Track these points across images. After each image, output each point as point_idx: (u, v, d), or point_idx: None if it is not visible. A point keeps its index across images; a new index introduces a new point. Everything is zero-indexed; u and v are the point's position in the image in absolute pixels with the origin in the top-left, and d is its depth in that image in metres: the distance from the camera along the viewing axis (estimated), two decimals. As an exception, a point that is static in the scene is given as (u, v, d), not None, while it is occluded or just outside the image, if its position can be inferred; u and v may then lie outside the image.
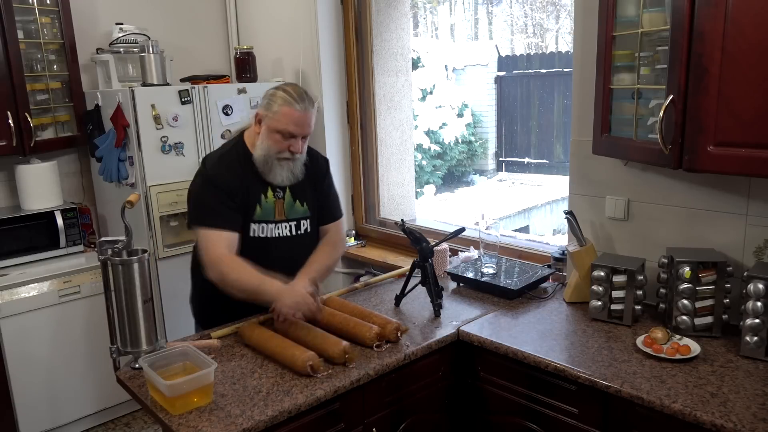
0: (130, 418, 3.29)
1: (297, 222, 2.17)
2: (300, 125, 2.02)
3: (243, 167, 2.09)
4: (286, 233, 2.15)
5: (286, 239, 2.15)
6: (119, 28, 3.34)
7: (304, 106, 2.02)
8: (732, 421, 1.45)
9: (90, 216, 3.45)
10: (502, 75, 8.33)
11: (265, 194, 2.11)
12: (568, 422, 1.81)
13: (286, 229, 2.15)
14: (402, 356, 1.86)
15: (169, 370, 1.68)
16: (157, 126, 3.02)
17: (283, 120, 2.01)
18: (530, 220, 7.19)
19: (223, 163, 2.10)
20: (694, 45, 1.61)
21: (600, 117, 2.01)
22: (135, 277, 1.75)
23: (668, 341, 1.82)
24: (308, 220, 2.20)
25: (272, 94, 2.05)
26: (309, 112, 2.04)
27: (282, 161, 2.06)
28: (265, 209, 2.11)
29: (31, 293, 2.89)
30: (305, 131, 2.05)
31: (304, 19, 3.39)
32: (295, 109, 2.00)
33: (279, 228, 2.14)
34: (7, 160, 3.17)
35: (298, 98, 2.02)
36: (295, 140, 2.04)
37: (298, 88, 2.07)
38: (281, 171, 2.08)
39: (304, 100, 2.03)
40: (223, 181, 2.05)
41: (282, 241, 2.14)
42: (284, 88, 2.06)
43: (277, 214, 2.13)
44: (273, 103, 2.03)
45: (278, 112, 2.01)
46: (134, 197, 1.91)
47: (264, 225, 2.11)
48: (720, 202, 1.99)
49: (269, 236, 2.12)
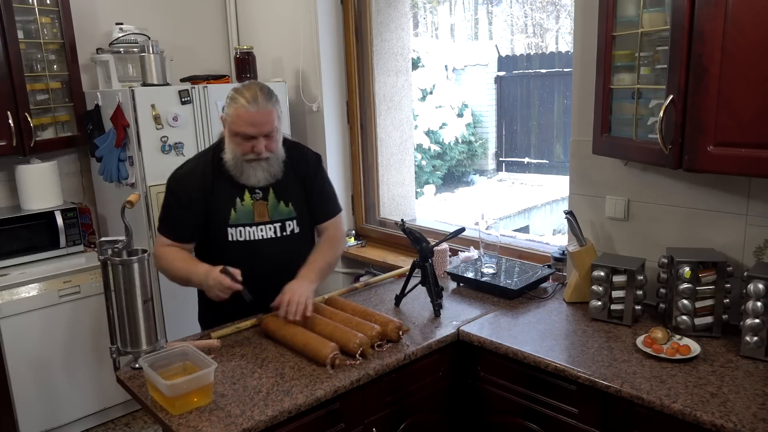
0: (130, 418, 3.29)
1: (282, 223, 2.12)
2: (255, 125, 1.96)
3: (214, 173, 2.06)
4: (271, 235, 2.10)
5: (271, 241, 2.11)
6: (119, 28, 3.34)
7: (257, 105, 1.94)
8: (732, 421, 1.45)
9: (90, 216, 3.45)
10: (502, 75, 8.33)
11: (241, 197, 2.07)
12: (568, 422, 1.81)
13: (270, 231, 2.10)
14: (402, 356, 1.86)
15: (169, 370, 1.68)
16: (157, 126, 3.02)
17: (237, 122, 1.96)
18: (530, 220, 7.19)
19: (187, 172, 2.10)
20: (694, 45, 1.61)
21: (600, 117, 2.01)
22: (135, 277, 1.75)
23: (668, 341, 1.82)
24: (294, 221, 2.14)
25: (228, 96, 2.01)
26: (264, 111, 1.96)
27: (251, 162, 2.02)
28: (240, 212, 2.07)
29: (31, 293, 2.89)
30: (262, 130, 1.97)
31: (304, 19, 3.39)
32: (247, 110, 1.94)
33: (262, 230, 2.09)
34: (7, 160, 3.17)
35: (251, 98, 1.95)
36: (257, 140, 1.98)
37: (252, 87, 2.00)
38: (254, 172, 2.03)
39: (257, 99, 1.95)
40: (184, 186, 2.07)
41: (266, 244, 2.10)
42: (238, 88, 2.01)
43: (257, 216, 2.08)
44: (229, 106, 1.99)
45: (232, 114, 1.97)
46: (134, 197, 1.91)
47: (242, 228, 2.07)
48: (720, 202, 1.99)
49: (251, 239, 2.08)
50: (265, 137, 1.99)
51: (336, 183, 3.47)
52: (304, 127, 3.55)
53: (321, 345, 1.80)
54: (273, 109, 2.00)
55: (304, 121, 3.54)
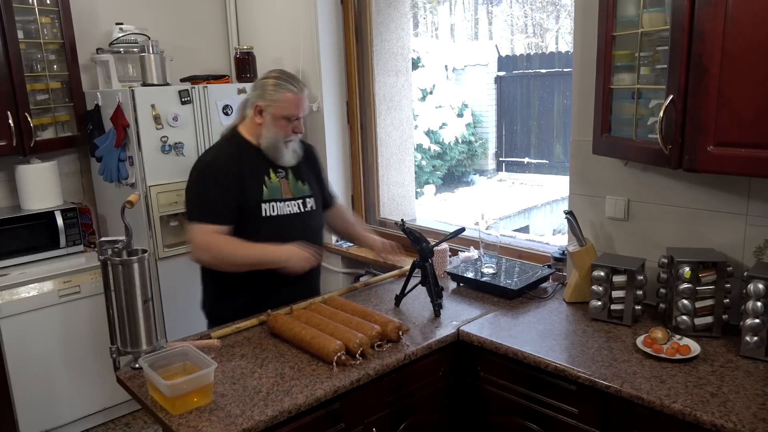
0: (130, 418, 3.29)
1: (303, 200, 2.26)
2: (302, 107, 2.18)
3: (241, 154, 2.18)
4: (296, 210, 2.24)
5: (296, 216, 2.24)
6: (119, 28, 3.34)
7: (301, 89, 2.17)
8: (732, 421, 1.45)
9: (90, 216, 3.45)
10: (502, 75, 8.33)
11: (268, 175, 2.20)
12: (568, 422, 1.81)
13: (295, 206, 2.24)
14: (402, 356, 1.86)
15: (169, 370, 1.68)
16: (157, 126, 3.02)
17: (287, 106, 2.14)
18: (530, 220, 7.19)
19: (220, 153, 2.20)
20: (694, 45, 1.61)
21: (600, 117, 2.01)
22: (135, 277, 1.75)
23: (668, 341, 1.82)
24: (312, 198, 2.29)
25: (264, 84, 2.17)
26: (304, 94, 2.19)
27: (287, 143, 2.20)
28: (271, 189, 2.19)
29: (31, 293, 2.89)
30: (305, 112, 2.21)
31: (304, 19, 3.39)
32: (295, 94, 2.15)
33: (289, 206, 2.22)
34: (7, 160, 3.17)
35: (294, 82, 2.16)
36: (298, 122, 2.19)
37: (288, 74, 2.20)
38: (287, 152, 2.21)
39: (299, 84, 2.18)
40: (218, 167, 2.14)
41: (293, 219, 2.22)
42: (274, 75, 2.18)
43: (283, 193, 2.22)
44: (271, 92, 2.14)
45: (280, 99, 2.13)
46: (134, 197, 1.91)
47: (274, 204, 2.18)
48: (720, 202, 1.99)
49: (282, 214, 2.20)
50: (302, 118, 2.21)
51: (336, 183, 3.49)
52: (304, 127, 3.54)
53: (327, 341, 1.80)
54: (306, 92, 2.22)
55: (304, 121, 3.53)
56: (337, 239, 3.55)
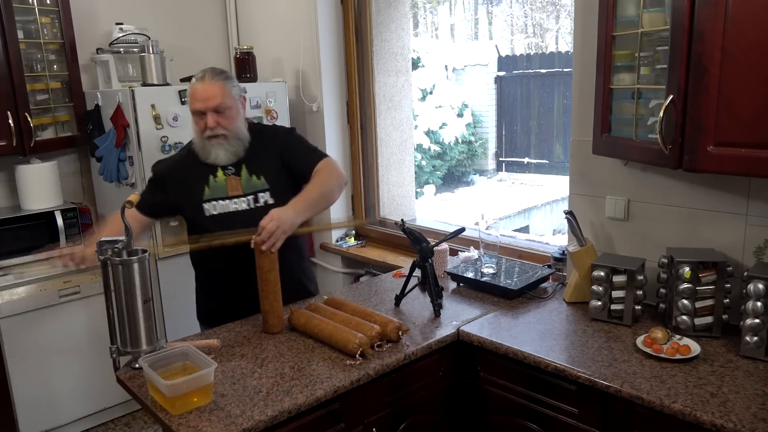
0: (130, 418, 3.29)
1: (255, 195, 2.18)
2: (202, 99, 2.06)
3: (189, 158, 2.20)
4: (244, 207, 2.17)
5: (246, 213, 2.16)
6: (119, 28, 3.34)
7: (203, 81, 2.07)
8: (732, 421, 1.45)
9: (90, 216, 3.45)
10: (502, 75, 8.32)
11: (214, 175, 2.16)
12: (568, 422, 1.81)
13: (244, 203, 2.17)
14: (402, 356, 1.86)
15: (169, 370, 1.68)
16: (157, 126, 3.02)
17: (190, 100, 2.11)
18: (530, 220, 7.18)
19: (168, 158, 2.32)
20: (694, 45, 1.61)
21: (600, 117, 2.01)
22: (135, 277, 1.75)
23: (668, 341, 1.82)
24: (267, 192, 2.19)
25: None
26: (208, 84, 2.06)
27: (211, 140, 2.11)
28: (214, 188, 2.16)
29: (31, 293, 2.89)
30: (209, 104, 2.05)
31: (304, 19, 3.39)
32: (194, 86, 2.08)
33: (235, 203, 2.16)
34: (7, 160, 3.17)
35: (199, 76, 2.09)
36: (207, 116, 2.07)
37: (205, 69, 2.12)
38: (215, 150, 2.12)
39: (204, 76, 2.08)
40: (155, 174, 2.24)
41: (242, 216, 2.14)
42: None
43: (230, 190, 2.16)
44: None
45: (189, 94, 2.13)
46: (134, 197, 1.90)
47: (215, 202, 2.15)
48: (720, 202, 1.99)
49: (226, 212, 2.15)
50: (216, 113, 2.07)
51: (336, 183, 3.49)
52: (304, 127, 3.55)
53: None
54: (221, 84, 2.08)
55: (304, 121, 3.54)
56: (337, 239, 3.55)
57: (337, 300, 2.17)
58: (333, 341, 1.88)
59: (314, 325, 1.96)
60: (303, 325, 2.00)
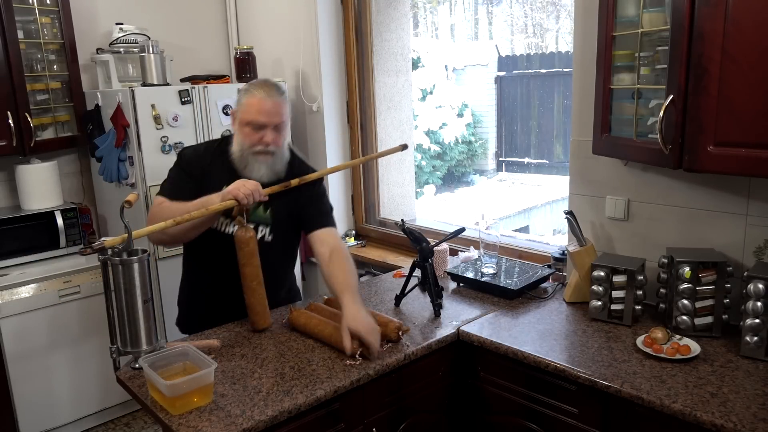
0: (130, 418, 3.29)
1: (255, 226, 2.06)
2: (266, 113, 1.97)
3: (213, 157, 2.09)
4: None
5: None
6: (119, 28, 3.34)
7: (269, 95, 1.98)
8: (732, 421, 1.45)
9: (90, 216, 3.45)
10: (502, 75, 8.32)
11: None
12: (568, 422, 1.81)
13: None
14: (402, 356, 1.86)
15: (169, 370, 1.68)
16: (157, 126, 3.02)
17: (249, 110, 1.98)
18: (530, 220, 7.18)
19: (194, 148, 2.18)
20: (694, 45, 1.61)
21: (600, 117, 2.01)
22: (135, 277, 1.75)
23: (668, 341, 1.82)
24: (268, 227, 2.10)
25: (240, 90, 2.06)
26: (273, 100, 1.98)
27: (258, 155, 2.01)
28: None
29: (31, 293, 2.89)
30: (273, 120, 1.99)
31: (304, 19, 3.39)
32: (259, 98, 1.97)
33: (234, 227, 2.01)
34: (7, 160, 3.17)
35: (264, 89, 1.99)
36: (266, 131, 1.98)
37: (265, 81, 2.05)
38: (258, 166, 2.02)
39: (269, 90, 1.99)
40: (183, 160, 2.09)
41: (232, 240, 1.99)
42: (251, 82, 2.07)
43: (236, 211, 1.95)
44: (241, 97, 2.02)
45: (244, 104, 2.00)
46: (133, 197, 1.90)
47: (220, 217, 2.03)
48: (720, 202, 1.99)
49: (222, 230, 2.06)
50: (274, 129, 2.00)
51: (336, 183, 3.49)
52: (304, 127, 3.55)
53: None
54: (284, 101, 2.04)
55: (304, 121, 3.54)
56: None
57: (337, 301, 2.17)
58: (333, 341, 1.88)
59: (314, 325, 1.96)
60: (303, 325, 2.00)
